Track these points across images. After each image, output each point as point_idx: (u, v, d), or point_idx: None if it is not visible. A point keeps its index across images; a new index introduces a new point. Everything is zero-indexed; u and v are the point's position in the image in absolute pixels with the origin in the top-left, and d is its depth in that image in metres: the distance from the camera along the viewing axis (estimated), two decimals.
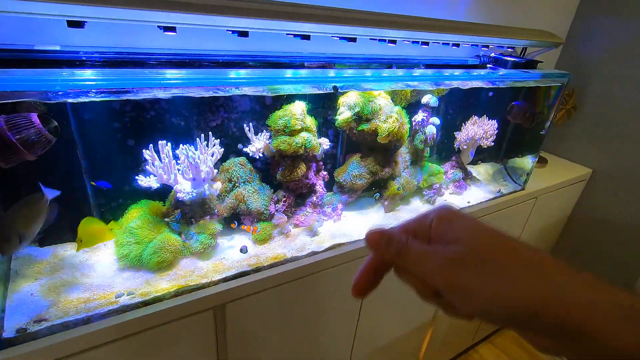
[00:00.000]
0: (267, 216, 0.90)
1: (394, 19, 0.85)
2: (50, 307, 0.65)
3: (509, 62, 1.21)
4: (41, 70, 0.53)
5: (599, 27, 1.56)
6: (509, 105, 1.32)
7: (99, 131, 0.77)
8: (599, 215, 1.69)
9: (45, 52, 0.65)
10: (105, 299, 0.68)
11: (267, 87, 0.71)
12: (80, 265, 0.75)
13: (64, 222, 0.78)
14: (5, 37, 0.66)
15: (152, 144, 0.76)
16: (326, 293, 0.92)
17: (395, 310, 1.18)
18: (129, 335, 0.65)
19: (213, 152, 0.82)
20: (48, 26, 0.70)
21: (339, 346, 1.09)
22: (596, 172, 1.66)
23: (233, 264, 0.81)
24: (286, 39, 0.82)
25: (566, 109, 1.67)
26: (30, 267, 0.72)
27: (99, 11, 0.54)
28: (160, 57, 0.78)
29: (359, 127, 1.01)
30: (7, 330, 0.59)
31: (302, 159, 0.94)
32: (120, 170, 0.82)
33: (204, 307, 0.72)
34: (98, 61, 0.72)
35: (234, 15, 0.62)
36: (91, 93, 0.53)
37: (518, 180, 1.39)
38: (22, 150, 0.58)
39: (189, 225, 0.82)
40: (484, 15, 1.30)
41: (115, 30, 0.76)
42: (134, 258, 0.75)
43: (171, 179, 0.78)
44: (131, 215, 0.79)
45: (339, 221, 1.02)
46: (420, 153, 1.19)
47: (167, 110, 0.82)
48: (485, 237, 0.27)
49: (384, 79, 0.86)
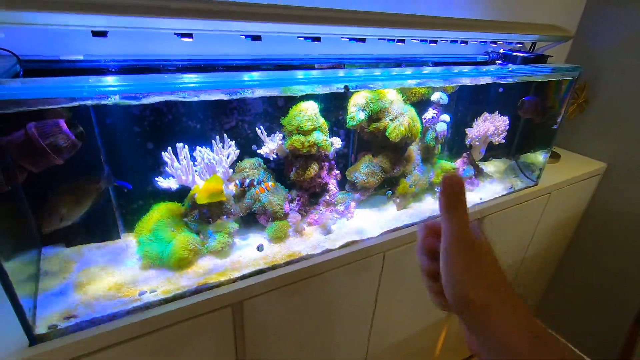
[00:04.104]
0: (282, 215, 0.92)
1: (402, 18, 0.86)
2: (78, 305, 0.68)
3: (518, 57, 1.21)
4: (68, 78, 0.56)
5: (609, 18, 1.54)
6: (519, 100, 1.31)
7: (120, 135, 0.80)
8: (614, 210, 1.66)
9: (70, 61, 0.69)
10: (129, 296, 0.71)
11: (280, 88, 0.73)
12: (105, 265, 0.78)
13: (89, 223, 0.81)
14: (32, 49, 0.70)
15: (171, 146, 0.79)
16: (341, 290, 0.94)
17: (410, 307, 1.18)
18: (153, 331, 0.68)
19: (229, 153, 0.84)
20: (71, 38, 0.74)
21: (355, 341, 1.10)
22: (611, 166, 1.63)
23: (250, 262, 0.83)
24: (297, 42, 0.84)
25: (578, 103, 1.65)
26: (59, 267, 0.76)
27: (121, 21, 0.57)
28: (176, 63, 0.81)
29: (370, 126, 1.03)
30: (39, 327, 0.62)
31: (314, 159, 0.96)
32: (141, 172, 0.85)
33: (222, 304, 0.74)
34: (119, 69, 0.75)
35: (248, 20, 0.64)
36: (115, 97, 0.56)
37: (531, 176, 1.38)
38: (51, 155, 0.61)
39: (207, 225, 0.85)
40: (492, 11, 1.30)
41: (133, 39, 0.79)
42: (155, 257, 0.77)
43: (189, 179, 0.81)
44: (152, 216, 0.82)
45: (352, 219, 1.04)
46: (431, 150, 1.19)
47: (184, 114, 0.85)
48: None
49: (394, 77, 0.87)
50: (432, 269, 0.36)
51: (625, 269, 1.68)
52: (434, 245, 0.36)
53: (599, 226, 1.74)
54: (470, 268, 0.32)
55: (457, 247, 0.32)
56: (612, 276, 1.74)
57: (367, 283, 1.00)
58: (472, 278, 0.31)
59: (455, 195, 0.33)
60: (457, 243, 0.32)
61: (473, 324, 0.32)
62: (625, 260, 1.68)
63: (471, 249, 0.32)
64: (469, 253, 0.32)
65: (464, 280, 0.32)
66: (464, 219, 0.33)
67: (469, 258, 0.32)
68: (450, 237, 0.33)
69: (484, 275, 0.32)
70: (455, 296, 0.32)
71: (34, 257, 0.76)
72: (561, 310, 1.98)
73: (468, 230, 0.33)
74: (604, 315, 1.81)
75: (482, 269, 0.32)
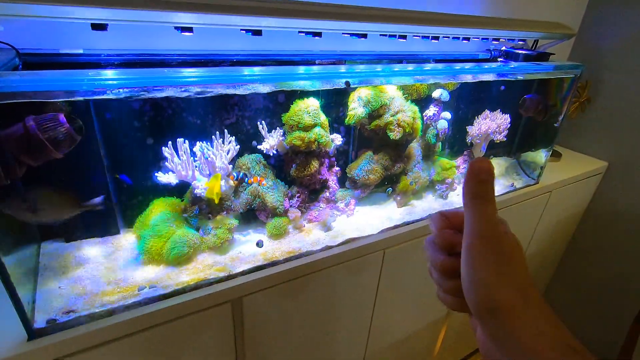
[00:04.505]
0: (282, 211, 0.92)
1: (404, 14, 0.86)
2: (77, 299, 0.68)
3: (520, 55, 1.20)
4: (68, 71, 0.55)
5: (612, 17, 1.54)
6: (521, 98, 1.31)
7: (120, 130, 0.80)
8: (615, 209, 1.66)
9: (69, 55, 0.68)
10: (129, 291, 0.71)
11: (280, 83, 0.73)
12: (104, 260, 0.78)
13: (88, 218, 0.81)
14: (32, 43, 0.70)
15: (171, 141, 0.78)
16: (341, 287, 0.94)
17: (410, 305, 1.18)
18: (152, 327, 0.68)
19: (229, 149, 0.84)
20: (71, 31, 0.74)
21: (355, 339, 1.10)
22: (612, 165, 1.63)
23: (249, 258, 0.83)
24: (298, 39, 0.83)
25: (580, 102, 1.65)
26: (58, 262, 0.75)
27: (120, 13, 0.57)
28: (177, 58, 0.81)
29: (371, 124, 1.02)
30: (38, 321, 0.62)
31: (315, 155, 0.96)
32: (141, 167, 0.85)
33: (222, 300, 0.74)
34: (118, 62, 0.75)
35: (249, 14, 0.64)
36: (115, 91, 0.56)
37: (532, 175, 1.37)
38: (50, 149, 0.61)
39: (207, 221, 0.85)
40: (494, 8, 1.30)
41: (133, 33, 0.79)
42: (155, 252, 0.77)
43: (189, 175, 0.81)
44: (152, 211, 0.82)
45: (352, 216, 1.03)
46: (432, 148, 1.19)
47: (184, 109, 0.85)
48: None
49: (395, 74, 0.87)
50: (448, 264, 0.32)
51: (625, 269, 1.68)
52: (452, 238, 0.32)
53: (599, 225, 1.73)
54: (500, 268, 0.28)
55: (484, 243, 0.28)
56: (613, 275, 1.74)
57: (367, 280, 0.99)
58: (501, 280, 0.28)
59: (483, 182, 0.29)
60: (485, 238, 0.28)
61: (497, 330, 0.28)
62: (625, 259, 1.68)
63: (500, 246, 0.28)
64: (498, 251, 0.28)
65: (492, 282, 0.28)
66: (492, 211, 0.29)
67: (498, 257, 0.28)
68: (476, 230, 0.29)
69: (514, 277, 0.28)
70: (480, 299, 0.28)
71: (33, 252, 0.76)
72: (561, 309, 1.98)
73: (497, 223, 0.29)
74: (604, 315, 1.81)
75: (512, 270, 0.28)
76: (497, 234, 0.29)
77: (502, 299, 0.27)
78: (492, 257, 0.28)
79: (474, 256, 0.29)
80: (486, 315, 0.28)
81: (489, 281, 0.28)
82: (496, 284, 0.28)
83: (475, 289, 0.28)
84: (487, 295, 0.28)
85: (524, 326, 0.26)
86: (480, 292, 0.28)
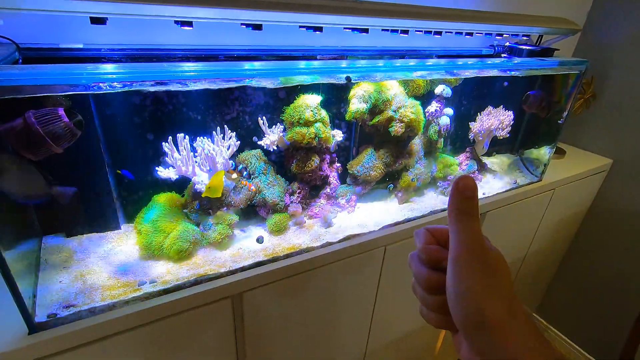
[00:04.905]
0: (282, 207, 0.92)
1: (406, 8, 0.85)
2: (78, 294, 0.68)
3: (524, 50, 1.19)
4: (67, 65, 0.55)
5: (618, 13, 1.52)
6: (524, 94, 1.29)
7: (120, 125, 0.80)
8: (619, 207, 1.65)
9: (69, 49, 0.68)
10: (129, 286, 0.71)
11: (281, 78, 0.72)
12: (105, 255, 0.78)
13: (88, 213, 0.81)
14: (32, 37, 0.70)
15: (171, 137, 0.78)
16: (341, 283, 0.93)
17: (411, 302, 1.18)
18: (152, 322, 0.68)
19: (229, 144, 0.83)
20: (71, 26, 0.73)
21: (355, 336, 1.10)
22: (616, 162, 1.61)
23: (250, 253, 0.83)
24: (298, 33, 0.83)
25: (585, 98, 1.63)
26: (59, 257, 0.76)
27: (120, 7, 0.56)
28: (177, 53, 0.80)
29: (372, 120, 1.02)
30: (39, 315, 0.62)
31: (315, 151, 0.95)
32: (141, 162, 0.85)
33: (222, 295, 0.74)
34: (119, 57, 0.74)
35: (249, 8, 0.63)
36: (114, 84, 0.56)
37: (535, 172, 1.36)
38: (50, 144, 0.61)
39: (207, 216, 0.84)
40: (498, 2, 1.28)
41: (133, 27, 0.79)
42: (155, 248, 0.77)
43: (189, 170, 0.81)
44: (152, 207, 0.81)
45: (353, 212, 1.03)
46: (434, 144, 1.18)
47: (184, 104, 0.84)
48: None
49: (397, 69, 0.86)
50: (433, 280, 0.32)
51: (628, 267, 1.67)
52: (437, 253, 0.33)
53: (603, 224, 1.72)
54: (486, 279, 0.28)
55: (471, 254, 0.29)
56: (616, 274, 1.72)
57: (368, 277, 0.99)
58: (487, 291, 0.28)
59: (469, 199, 0.30)
60: (472, 250, 0.29)
61: (484, 344, 0.28)
62: (628, 258, 1.66)
63: (486, 257, 0.29)
64: (484, 261, 0.29)
65: (479, 291, 0.28)
66: (477, 226, 0.30)
67: (484, 267, 0.29)
68: (463, 242, 0.30)
69: (500, 288, 0.28)
70: (467, 313, 0.28)
71: (34, 247, 0.76)
72: (563, 308, 1.98)
73: (481, 238, 0.30)
74: (606, 314, 1.80)
75: (497, 281, 0.29)
76: (483, 247, 0.30)
77: (489, 311, 0.27)
78: (479, 266, 0.29)
79: (461, 265, 0.29)
80: (473, 330, 0.28)
81: (475, 290, 0.28)
82: (482, 294, 0.28)
83: (462, 300, 0.29)
84: (474, 306, 0.28)
85: (514, 342, 0.27)
86: (467, 303, 0.28)
